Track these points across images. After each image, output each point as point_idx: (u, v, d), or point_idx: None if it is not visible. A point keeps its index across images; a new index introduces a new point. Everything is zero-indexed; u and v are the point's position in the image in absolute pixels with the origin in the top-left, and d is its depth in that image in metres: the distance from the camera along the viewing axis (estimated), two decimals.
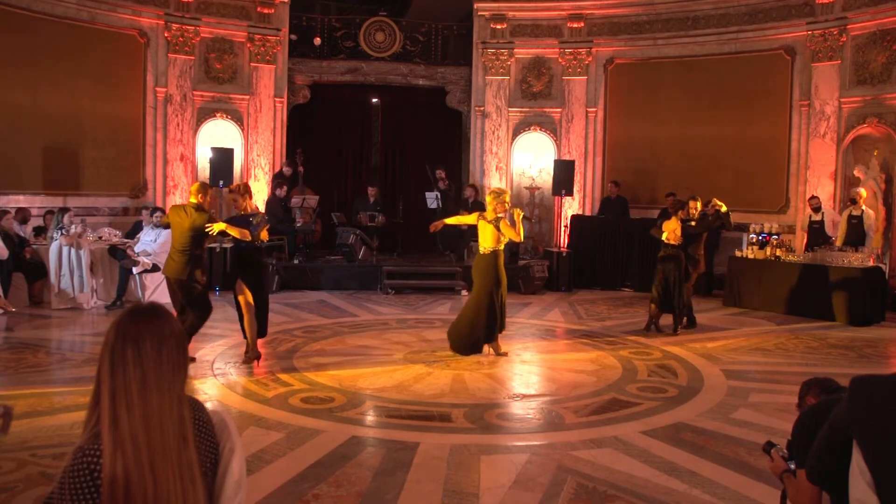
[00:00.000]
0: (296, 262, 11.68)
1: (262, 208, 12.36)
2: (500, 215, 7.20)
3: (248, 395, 5.90)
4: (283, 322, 8.80)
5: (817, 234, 10.82)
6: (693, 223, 8.74)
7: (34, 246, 9.83)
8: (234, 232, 6.61)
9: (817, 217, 10.96)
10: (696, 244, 8.91)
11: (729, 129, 12.68)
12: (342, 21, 14.26)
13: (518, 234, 7.35)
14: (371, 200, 12.73)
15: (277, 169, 12.92)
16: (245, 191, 6.95)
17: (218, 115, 13.08)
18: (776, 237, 10.82)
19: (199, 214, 6.62)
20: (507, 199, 7.31)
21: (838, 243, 10.26)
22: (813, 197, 11.19)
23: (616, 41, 13.63)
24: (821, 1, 11.72)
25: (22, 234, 9.86)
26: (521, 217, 7.53)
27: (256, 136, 13.23)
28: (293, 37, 13.64)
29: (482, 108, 13.99)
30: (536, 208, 14.14)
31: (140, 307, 1.74)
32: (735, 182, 12.35)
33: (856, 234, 10.27)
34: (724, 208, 8.89)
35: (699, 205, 8.95)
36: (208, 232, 6.61)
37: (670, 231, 8.58)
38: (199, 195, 6.72)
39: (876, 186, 11.26)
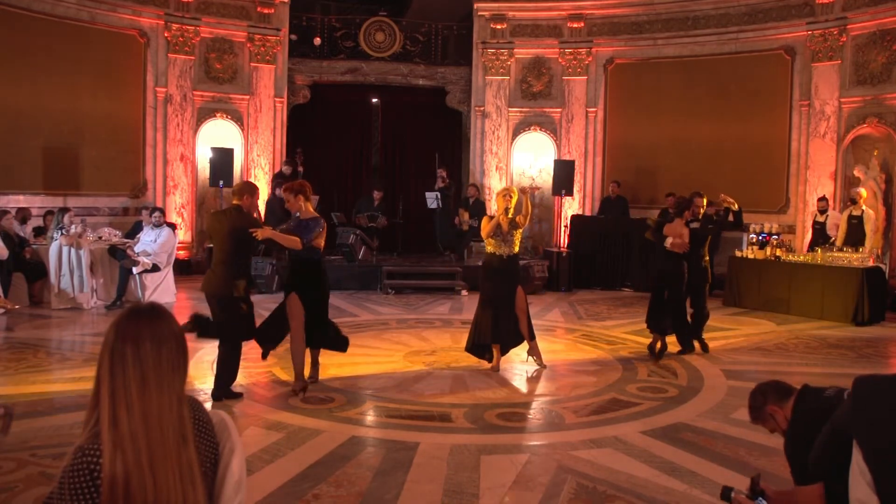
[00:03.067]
0: None
1: (262, 209, 12.39)
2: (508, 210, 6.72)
3: (248, 394, 5.89)
4: None
5: (818, 235, 10.88)
6: (697, 224, 7.48)
7: (34, 246, 9.84)
8: (282, 240, 5.75)
9: (822, 218, 11.00)
10: (702, 252, 7.58)
11: (729, 129, 12.69)
12: (342, 21, 14.27)
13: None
14: (375, 203, 12.70)
15: (277, 169, 12.93)
16: (300, 189, 5.99)
17: (218, 115, 13.09)
18: (776, 237, 10.83)
19: (241, 217, 5.71)
20: (513, 191, 6.85)
21: (838, 243, 10.27)
22: (822, 198, 11.21)
23: (616, 41, 13.64)
24: (821, 1, 11.73)
25: (22, 234, 9.87)
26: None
27: (256, 136, 13.24)
28: (293, 37, 13.65)
29: (482, 108, 14.00)
30: (536, 208, 14.14)
31: (140, 307, 1.74)
32: (735, 182, 12.32)
33: (856, 234, 10.28)
34: (735, 206, 7.71)
35: (705, 202, 7.83)
36: (255, 238, 5.66)
37: (675, 235, 7.24)
38: (242, 197, 5.77)
39: (876, 186, 11.27)
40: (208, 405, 4.40)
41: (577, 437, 5.11)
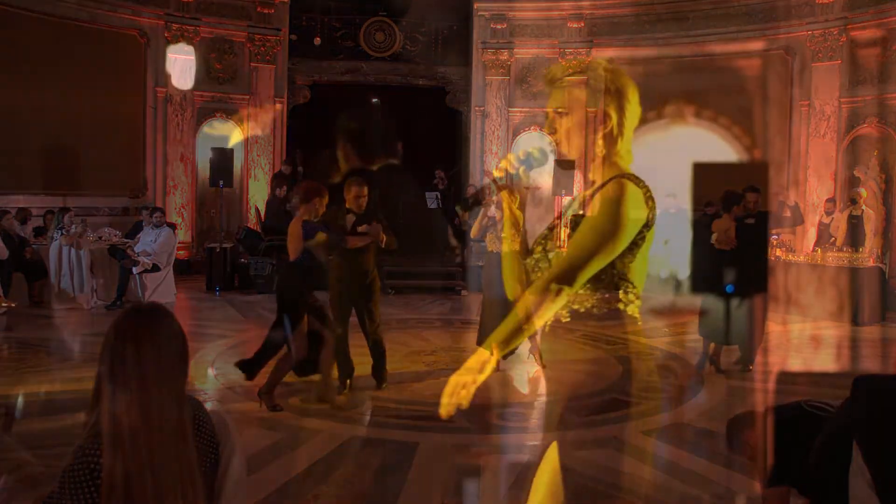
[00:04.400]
0: None
1: (262, 209, 12.40)
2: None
3: (248, 395, 5.88)
4: None
5: (822, 236, 10.89)
6: (752, 220, 6.76)
7: (34, 246, 9.83)
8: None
9: (827, 220, 11.01)
10: (760, 252, 6.86)
11: (728, 129, 12.68)
12: (342, 21, 14.26)
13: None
14: None
15: (277, 169, 12.93)
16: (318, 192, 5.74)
17: (218, 115, 13.08)
18: (776, 237, 10.82)
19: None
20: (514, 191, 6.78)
21: (838, 243, 10.27)
22: (830, 199, 11.21)
23: (616, 41, 13.62)
24: (821, 1, 11.72)
25: (22, 234, 9.86)
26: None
27: (256, 136, 13.23)
28: (293, 37, 13.64)
29: (482, 108, 13.99)
30: (536, 208, 14.14)
31: (140, 307, 1.74)
32: (734, 182, 12.32)
33: (856, 234, 10.28)
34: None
35: (760, 199, 7.04)
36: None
37: (721, 232, 6.73)
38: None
39: (876, 186, 11.26)
40: (209, 405, 4.40)
41: (577, 437, 5.10)
